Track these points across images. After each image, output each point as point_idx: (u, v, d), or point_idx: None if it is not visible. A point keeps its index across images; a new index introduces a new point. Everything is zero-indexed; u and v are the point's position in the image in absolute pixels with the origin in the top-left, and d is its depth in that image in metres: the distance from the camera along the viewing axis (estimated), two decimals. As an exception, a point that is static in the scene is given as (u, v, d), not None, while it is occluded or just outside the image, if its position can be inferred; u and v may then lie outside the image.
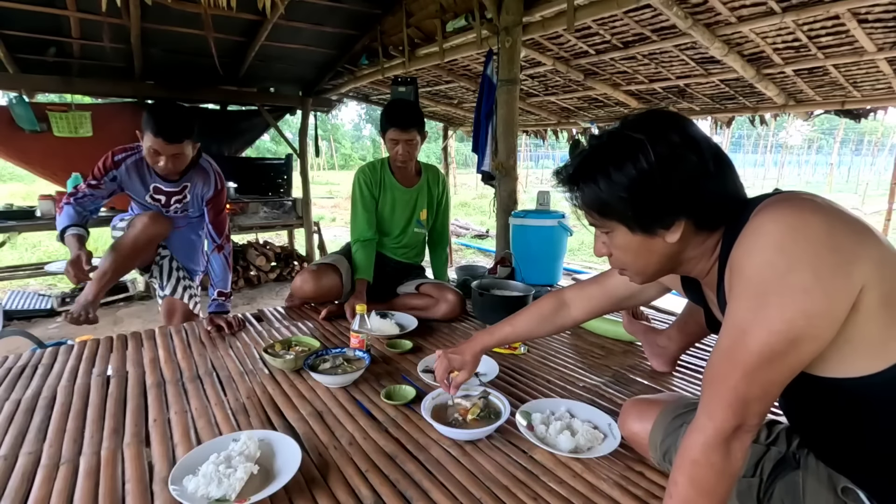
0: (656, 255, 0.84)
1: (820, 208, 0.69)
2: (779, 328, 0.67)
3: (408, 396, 1.46)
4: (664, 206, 0.78)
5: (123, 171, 2.00)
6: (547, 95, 5.12)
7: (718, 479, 0.73)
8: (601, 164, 0.80)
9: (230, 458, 1.07)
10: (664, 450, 1.06)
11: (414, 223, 2.41)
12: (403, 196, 2.34)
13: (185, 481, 1.01)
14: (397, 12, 4.00)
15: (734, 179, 0.80)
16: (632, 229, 0.82)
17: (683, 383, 1.65)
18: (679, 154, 0.76)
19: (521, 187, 6.93)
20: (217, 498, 0.98)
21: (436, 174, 2.44)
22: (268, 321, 2.24)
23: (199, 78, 4.70)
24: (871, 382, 0.70)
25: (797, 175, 19.43)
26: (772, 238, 0.68)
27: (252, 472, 1.04)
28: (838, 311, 0.66)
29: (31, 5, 3.33)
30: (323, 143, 10.59)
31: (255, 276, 5.22)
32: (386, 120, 2.14)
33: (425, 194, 2.40)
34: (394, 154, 2.19)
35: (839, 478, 0.82)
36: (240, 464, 1.04)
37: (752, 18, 2.84)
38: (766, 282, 0.68)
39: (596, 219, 0.86)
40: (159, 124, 1.80)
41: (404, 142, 2.14)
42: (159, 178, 2.05)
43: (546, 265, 2.78)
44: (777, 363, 0.68)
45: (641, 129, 0.78)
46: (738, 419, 0.71)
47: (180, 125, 1.85)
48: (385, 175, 2.32)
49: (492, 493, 1.06)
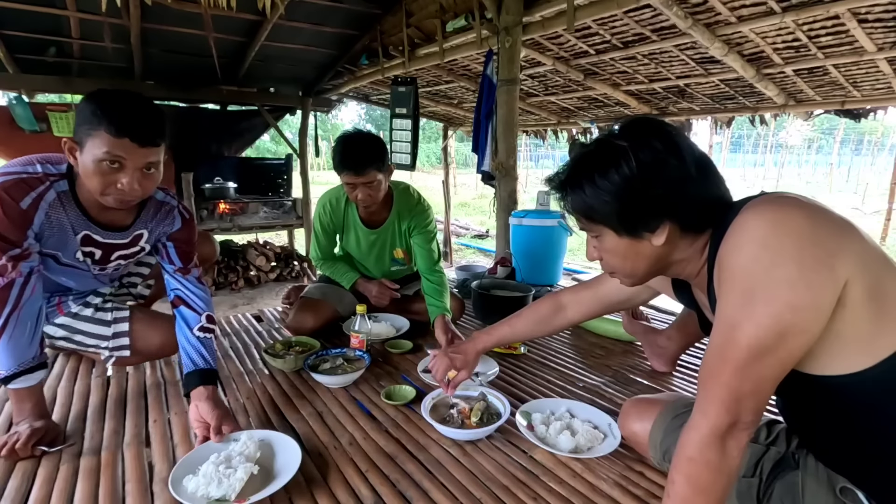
0: (644, 257, 0.86)
1: (802, 205, 0.71)
2: (766, 322, 0.68)
3: (408, 396, 1.46)
4: (648, 210, 0.80)
5: (40, 222, 1.20)
6: (547, 95, 5.12)
7: (715, 476, 0.74)
8: (587, 170, 0.83)
9: (230, 458, 1.07)
10: (664, 449, 1.06)
11: (390, 263, 2.15)
12: (369, 237, 2.04)
13: (185, 481, 1.01)
14: (397, 12, 4.00)
15: (718, 183, 0.82)
16: (618, 233, 0.84)
17: (683, 383, 1.66)
18: (661, 160, 0.78)
19: (521, 187, 6.94)
20: (217, 498, 0.98)
21: (408, 205, 2.01)
22: (268, 321, 2.24)
23: (198, 78, 4.70)
24: (863, 379, 0.70)
25: (797, 175, 19.44)
26: (756, 234, 0.70)
27: (252, 472, 1.04)
28: (824, 303, 0.67)
29: (31, 5, 3.33)
30: (323, 143, 10.58)
31: (255, 276, 5.22)
32: (337, 161, 1.75)
33: (395, 233, 2.05)
34: (353, 199, 1.84)
35: (838, 478, 0.82)
36: (240, 464, 1.05)
37: (752, 18, 2.83)
38: (751, 277, 0.69)
39: (585, 223, 0.89)
40: (123, 117, 1.12)
41: (362, 185, 1.76)
42: (94, 223, 1.29)
43: (546, 265, 2.78)
44: (767, 357, 0.69)
45: (625, 137, 0.81)
46: (732, 416, 0.72)
47: (153, 119, 1.17)
48: (349, 212, 2.01)
49: (492, 493, 1.07)
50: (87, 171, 1.15)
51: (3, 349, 1.15)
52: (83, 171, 1.16)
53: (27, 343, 1.18)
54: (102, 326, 1.51)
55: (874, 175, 16.46)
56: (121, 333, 1.52)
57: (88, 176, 1.15)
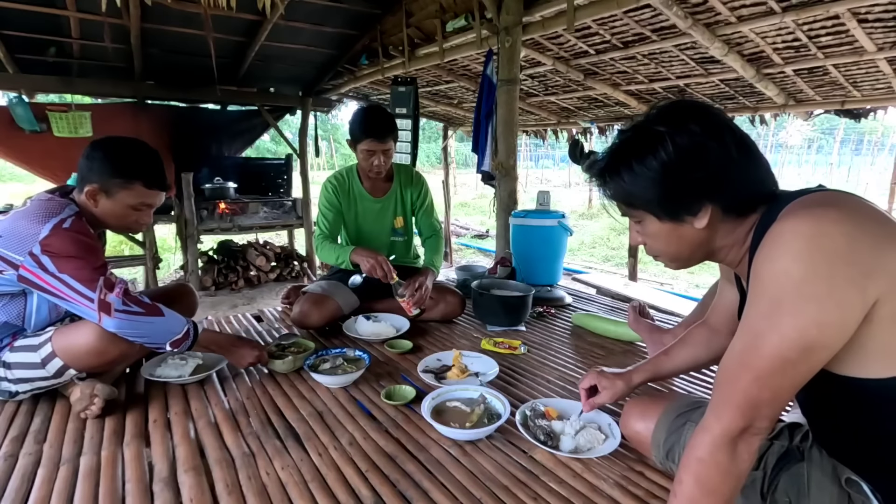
0: (687, 241, 0.86)
1: (844, 218, 0.69)
2: (791, 335, 0.68)
3: (408, 396, 1.46)
4: (688, 194, 0.80)
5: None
6: (547, 95, 5.12)
7: (723, 478, 0.74)
8: (625, 157, 0.83)
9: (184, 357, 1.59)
10: (667, 448, 1.06)
11: (390, 233, 2.28)
12: (374, 206, 2.21)
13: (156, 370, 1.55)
14: (397, 12, 4.00)
15: (760, 164, 0.82)
16: (660, 218, 0.85)
17: (685, 383, 1.65)
18: (700, 143, 0.78)
19: (521, 187, 6.94)
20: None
21: (409, 175, 2.27)
22: (268, 321, 2.24)
23: (198, 78, 4.70)
24: (885, 385, 0.71)
25: (797, 175, 19.42)
26: (791, 247, 0.69)
27: (198, 363, 1.59)
28: (849, 322, 0.67)
29: (31, 5, 3.33)
30: (323, 143, 10.59)
31: (255, 276, 5.22)
32: (360, 130, 1.96)
33: (398, 201, 2.24)
34: (368, 165, 2.03)
35: (843, 469, 0.82)
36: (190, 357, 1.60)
37: (752, 18, 2.83)
38: (781, 289, 0.69)
39: (626, 210, 0.89)
40: (155, 173, 1.41)
41: (381, 152, 1.99)
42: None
43: (546, 265, 2.78)
44: (788, 370, 0.69)
45: (663, 121, 0.81)
46: (746, 421, 0.72)
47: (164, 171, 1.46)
48: (353, 185, 2.19)
49: (492, 493, 1.06)
50: (114, 212, 1.40)
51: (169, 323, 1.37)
52: (108, 212, 1.40)
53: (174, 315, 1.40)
54: (30, 353, 1.35)
55: (874, 175, 16.43)
56: (49, 356, 1.34)
57: (115, 216, 1.41)
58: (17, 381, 1.36)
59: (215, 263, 5.19)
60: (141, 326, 1.31)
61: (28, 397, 1.43)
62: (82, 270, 1.25)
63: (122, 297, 1.28)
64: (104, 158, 1.36)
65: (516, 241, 2.84)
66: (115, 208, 1.39)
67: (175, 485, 1.08)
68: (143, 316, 1.31)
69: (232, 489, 1.06)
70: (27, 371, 1.35)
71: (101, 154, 1.37)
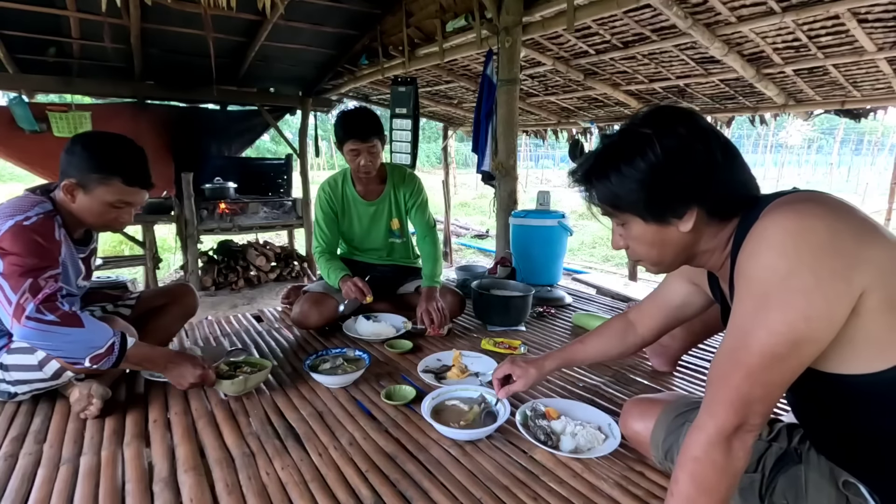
0: (671, 244, 0.86)
1: (826, 213, 0.70)
2: (780, 330, 0.68)
3: (408, 396, 1.46)
4: (675, 196, 0.81)
5: (64, 250, 1.31)
6: (547, 95, 5.12)
7: (719, 477, 0.74)
8: (612, 160, 0.84)
9: None
10: (666, 448, 1.06)
11: (386, 235, 2.28)
12: (368, 210, 2.20)
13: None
14: (397, 12, 4.00)
15: (743, 169, 0.82)
16: (645, 220, 0.85)
17: (684, 383, 1.65)
18: (686, 145, 0.79)
19: (521, 187, 6.93)
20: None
21: (402, 175, 2.24)
22: (268, 321, 2.24)
23: (198, 78, 4.71)
24: (874, 381, 0.71)
25: (797, 175, 19.45)
26: (774, 242, 0.70)
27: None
28: (837, 314, 0.67)
29: (31, 5, 3.33)
30: (323, 143, 10.57)
31: (255, 276, 5.22)
32: (343, 131, 1.98)
33: (392, 203, 2.23)
34: (355, 166, 2.04)
35: (840, 472, 0.83)
36: None
37: (752, 18, 2.83)
38: (767, 284, 0.70)
39: (610, 212, 0.89)
40: (136, 169, 1.35)
41: (366, 151, 1.99)
42: (72, 242, 1.39)
43: (546, 265, 2.78)
44: (778, 364, 0.70)
45: (649, 124, 0.81)
46: (740, 418, 0.72)
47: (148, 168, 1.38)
48: (347, 190, 2.19)
49: (492, 493, 1.06)
50: (91, 209, 1.33)
51: (88, 335, 1.21)
52: (85, 208, 1.33)
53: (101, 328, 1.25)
54: (27, 355, 1.32)
55: (874, 175, 16.44)
56: (46, 357, 1.31)
57: (92, 213, 1.34)
58: (16, 383, 1.36)
59: (215, 263, 5.19)
60: (52, 338, 1.16)
61: (28, 398, 1.42)
62: (13, 267, 1.16)
63: (38, 304, 1.14)
64: (83, 152, 1.30)
65: (516, 241, 2.84)
66: (93, 205, 1.33)
67: (175, 485, 1.08)
68: (57, 326, 1.16)
69: (232, 489, 1.06)
70: (25, 373, 1.34)
71: (80, 148, 1.30)
